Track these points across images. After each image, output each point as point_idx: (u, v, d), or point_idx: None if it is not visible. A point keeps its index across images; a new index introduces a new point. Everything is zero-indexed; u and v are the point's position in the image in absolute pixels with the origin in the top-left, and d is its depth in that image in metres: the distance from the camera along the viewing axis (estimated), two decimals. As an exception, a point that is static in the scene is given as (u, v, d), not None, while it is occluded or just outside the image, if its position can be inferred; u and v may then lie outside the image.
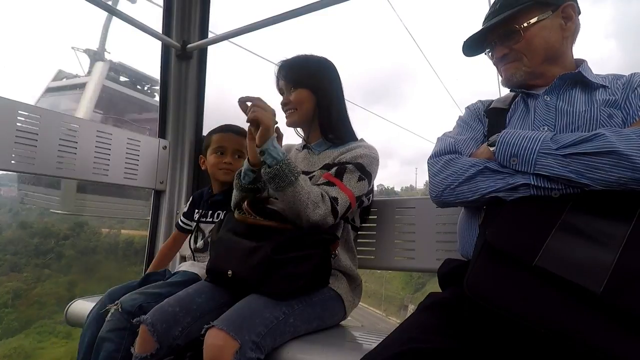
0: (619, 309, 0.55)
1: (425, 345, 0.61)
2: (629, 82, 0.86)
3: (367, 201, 1.24)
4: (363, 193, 1.15)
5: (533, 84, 0.95)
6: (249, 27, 1.70)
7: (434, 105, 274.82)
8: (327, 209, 1.04)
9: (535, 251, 0.63)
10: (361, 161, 1.15)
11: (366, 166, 1.15)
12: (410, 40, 57.27)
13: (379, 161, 1.21)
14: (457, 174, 0.83)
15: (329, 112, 1.24)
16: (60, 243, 19.17)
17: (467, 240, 0.90)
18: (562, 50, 0.93)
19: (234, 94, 4.55)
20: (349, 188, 1.11)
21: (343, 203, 1.08)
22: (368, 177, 1.15)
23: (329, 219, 1.05)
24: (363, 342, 1.02)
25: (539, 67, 0.93)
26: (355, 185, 1.12)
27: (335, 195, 1.08)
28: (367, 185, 1.16)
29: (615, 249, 0.61)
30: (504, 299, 0.60)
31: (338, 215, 1.07)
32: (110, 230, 21.56)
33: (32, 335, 15.82)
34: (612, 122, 0.81)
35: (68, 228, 19.73)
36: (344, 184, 1.11)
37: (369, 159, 1.16)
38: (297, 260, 1.00)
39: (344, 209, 1.09)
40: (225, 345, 0.84)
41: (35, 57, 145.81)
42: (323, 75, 1.26)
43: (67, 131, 1.52)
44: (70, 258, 18.86)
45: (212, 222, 1.44)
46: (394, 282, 27.39)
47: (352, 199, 1.11)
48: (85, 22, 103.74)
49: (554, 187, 0.72)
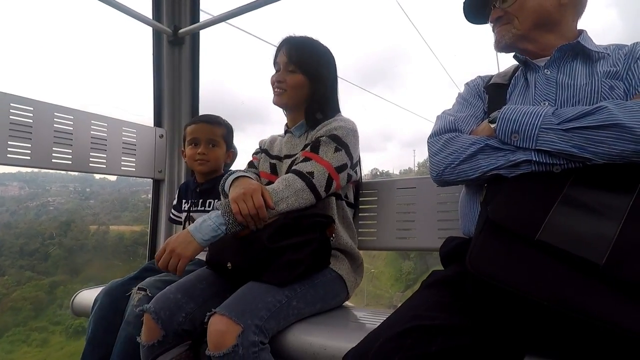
0: (622, 280, 0.55)
1: (430, 322, 0.62)
2: (631, 52, 0.84)
3: (355, 175, 1.22)
4: (343, 163, 1.13)
5: (524, 48, 0.93)
6: (242, 8, 1.66)
7: (432, 84, 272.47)
8: (306, 190, 1.05)
9: (537, 226, 0.63)
10: (336, 132, 1.14)
11: (342, 137, 1.13)
12: (404, 18, 56.26)
13: (356, 132, 1.19)
14: (458, 152, 0.82)
15: (320, 101, 1.22)
16: (46, 243, 18.66)
17: (469, 218, 0.89)
18: (557, 17, 0.91)
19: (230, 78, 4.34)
20: (325, 159, 1.10)
21: (320, 175, 1.07)
22: (345, 148, 1.13)
23: (309, 200, 1.06)
24: (367, 322, 1.03)
25: (530, 32, 0.91)
26: (332, 156, 1.11)
27: (310, 170, 1.07)
28: (346, 155, 1.14)
29: (618, 221, 0.61)
30: (507, 274, 0.60)
31: (317, 188, 1.06)
32: (99, 227, 21.03)
33: (1, 345, 14.75)
34: (613, 94, 0.80)
35: (55, 227, 19.34)
36: (319, 156, 1.10)
37: (344, 130, 1.15)
38: (295, 246, 1.00)
39: (322, 180, 1.08)
40: (228, 330, 0.85)
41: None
42: (324, 66, 1.24)
43: (62, 122, 1.50)
44: (57, 258, 18.33)
45: (204, 210, 1.45)
46: (382, 278, 25.06)
47: (330, 169, 1.09)
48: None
49: (555, 162, 0.71)
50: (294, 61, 1.21)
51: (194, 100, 1.97)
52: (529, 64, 0.92)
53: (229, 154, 1.56)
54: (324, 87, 1.23)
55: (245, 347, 0.84)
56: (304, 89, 1.22)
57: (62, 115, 1.51)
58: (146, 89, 1.96)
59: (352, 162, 1.17)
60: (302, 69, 1.21)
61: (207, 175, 1.49)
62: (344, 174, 1.15)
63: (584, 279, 0.57)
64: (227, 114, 1.62)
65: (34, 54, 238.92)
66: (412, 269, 22.38)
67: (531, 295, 0.56)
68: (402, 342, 0.60)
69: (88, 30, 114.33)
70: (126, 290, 1.19)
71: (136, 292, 1.14)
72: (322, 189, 1.08)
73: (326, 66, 1.25)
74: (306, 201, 1.05)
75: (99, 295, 1.23)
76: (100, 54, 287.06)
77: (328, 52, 1.27)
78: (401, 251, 14.23)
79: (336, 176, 1.11)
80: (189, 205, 1.50)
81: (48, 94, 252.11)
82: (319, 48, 1.26)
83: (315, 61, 1.22)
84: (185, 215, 1.50)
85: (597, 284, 0.56)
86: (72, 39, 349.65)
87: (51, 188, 24.14)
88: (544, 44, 0.91)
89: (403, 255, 22.43)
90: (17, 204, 22.40)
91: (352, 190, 1.29)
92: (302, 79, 1.21)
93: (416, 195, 1.35)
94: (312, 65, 1.21)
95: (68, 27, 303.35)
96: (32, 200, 22.75)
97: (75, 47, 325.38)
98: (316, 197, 1.07)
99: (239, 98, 44.74)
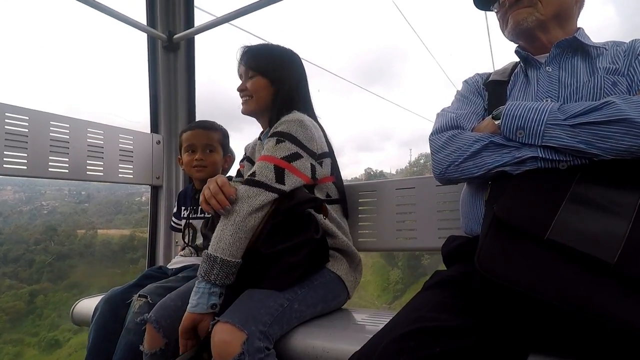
0: (634, 279, 0.54)
1: (433, 324, 0.61)
2: (631, 49, 0.84)
3: (319, 166, 1.14)
4: (292, 152, 1.05)
5: (538, 37, 0.92)
6: (238, 12, 1.65)
7: (430, 83, 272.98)
8: (251, 189, 0.99)
9: (546, 224, 0.61)
10: (277, 129, 1.09)
11: (283, 130, 1.08)
12: (400, 18, 56.30)
13: (301, 122, 1.10)
14: (462, 149, 0.81)
15: (284, 104, 1.18)
16: (31, 249, 17.90)
17: (472, 217, 0.88)
18: (571, 14, 0.91)
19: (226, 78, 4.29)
20: (266, 154, 1.05)
21: (263, 169, 1.02)
22: (289, 138, 1.06)
23: (261, 197, 0.98)
24: (369, 324, 1.02)
25: (550, 20, 0.90)
26: (274, 149, 1.05)
27: (252, 171, 1.03)
28: (294, 144, 1.06)
29: (628, 218, 0.60)
30: (517, 274, 0.58)
31: (264, 182, 1.00)
32: (87, 231, 20.18)
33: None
34: (616, 89, 0.79)
35: (40, 232, 18.77)
36: (262, 155, 1.07)
37: (285, 124, 1.09)
38: (291, 249, 0.98)
39: (269, 173, 1.01)
40: (232, 338, 0.84)
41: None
42: (284, 67, 1.23)
43: (58, 131, 1.49)
44: (41, 265, 17.40)
45: (203, 217, 1.44)
46: (369, 287, 22.72)
47: (274, 161, 1.03)
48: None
49: (561, 158, 0.71)
50: (252, 66, 1.21)
51: (191, 105, 1.96)
52: (530, 60, 0.91)
53: (227, 159, 1.55)
54: (287, 86, 1.20)
55: (251, 354, 0.83)
56: (266, 91, 1.20)
57: (58, 124, 1.49)
58: (142, 96, 1.95)
59: (311, 152, 1.10)
60: (261, 72, 1.20)
61: (205, 182, 1.48)
62: (302, 163, 1.06)
63: (595, 278, 0.56)
64: (224, 115, 1.60)
65: (28, 63, 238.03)
66: (399, 279, 20.96)
67: (543, 295, 0.55)
68: (405, 344, 0.59)
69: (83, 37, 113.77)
70: (126, 298, 1.18)
71: (137, 299, 1.12)
72: (273, 182, 1.00)
73: (287, 66, 1.23)
74: (257, 200, 0.98)
75: (99, 304, 1.22)
76: (95, 61, 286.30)
77: (288, 53, 1.26)
78: (401, 252, 14.12)
79: (287, 165, 1.03)
80: (188, 213, 1.49)
81: (43, 103, 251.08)
82: (275, 50, 1.25)
83: (273, 63, 1.22)
84: (184, 223, 1.49)
85: (609, 283, 0.55)
86: (66, 47, 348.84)
87: (46, 192, 23.82)
88: (552, 37, 0.91)
89: (391, 263, 21.44)
90: (11, 209, 22.02)
91: (333, 187, 1.22)
92: (263, 81, 1.20)
93: (415, 196, 1.35)
94: (270, 67, 1.21)
95: (62, 36, 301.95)
96: (26, 205, 22.40)
97: (70, 55, 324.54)
98: (269, 190, 1.00)
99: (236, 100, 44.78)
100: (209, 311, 0.93)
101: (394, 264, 21.36)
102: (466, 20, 46.13)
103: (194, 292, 0.95)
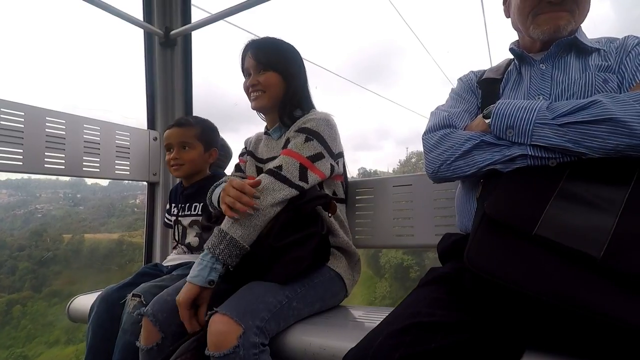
0: (620, 273, 0.55)
1: (429, 319, 0.62)
2: (622, 46, 0.85)
3: (338, 167, 1.18)
4: (317, 152, 1.08)
5: (551, 41, 0.88)
6: (234, 8, 1.65)
7: (426, 80, 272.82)
8: (276, 183, 1.01)
9: (534, 220, 0.62)
10: (306, 125, 1.12)
11: (312, 127, 1.11)
12: (395, 14, 56.23)
13: (329, 121, 1.14)
14: (453, 148, 0.82)
15: (294, 98, 1.20)
16: (14, 255, 17.48)
17: (466, 214, 0.89)
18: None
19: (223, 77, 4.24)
20: (294, 151, 1.07)
21: (289, 166, 1.04)
22: (317, 137, 1.09)
23: (285, 192, 1.01)
24: (365, 320, 1.03)
25: (577, 27, 0.88)
26: (302, 147, 1.08)
27: (278, 164, 1.05)
28: (320, 144, 1.09)
29: (614, 213, 0.60)
30: (505, 270, 0.59)
31: (289, 178, 1.02)
32: (73, 236, 19.85)
33: None
34: (607, 87, 0.80)
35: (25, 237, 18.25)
36: (289, 149, 1.08)
37: (314, 121, 1.12)
38: (300, 241, 0.99)
39: (294, 171, 1.04)
40: (229, 330, 0.84)
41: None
42: (293, 62, 1.23)
43: (54, 127, 1.49)
44: (25, 271, 16.94)
45: (191, 214, 1.44)
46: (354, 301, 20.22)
47: (300, 159, 1.06)
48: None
49: (551, 156, 0.71)
50: (264, 62, 1.20)
51: (187, 102, 1.96)
52: (525, 57, 0.92)
53: (212, 153, 1.50)
54: (297, 82, 1.22)
55: (246, 348, 0.83)
56: (279, 86, 1.20)
57: (54, 120, 1.49)
58: (139, 92, 1.94)
59: (332, 152, 1.13)
60: (273, 67, 1.19)
61: (190, 179, 1.48)
62: (323, 163, 1.10)
63: (582, 272, 0.57)
64: (221, 114, 1.59)
65: (23, 58, 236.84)
66: (387, 292, 20.35)
67: (529, 290, 0.56)
68: (401, 339, 0.59)
69: (78, 33, 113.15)
70: (122, 296, 1.18)
71: (131, 298, 1.12)
72: (297, 179, 1.04)
73: (295, 62, 1.24)
74: (281, 194, 1.01)
75: (95, 302, 1.22)
76: (92, 56, 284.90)
77: (294, 49, 1.26)
78: (398, 249, 13.99)
79: (310, 165, 1.07)
80: (177, 210, 1.49)
81: (38, 98, 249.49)
82: (283, 45, 1.25)
83: (284, 58, 1.22)
84: (174, 220, 1.49)
85: (595, 277, 0.56)
86: (62, 42, 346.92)
87: (41, 195, 23.60)
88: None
89: (379, 273, 21.12)
90: (5, 212, 21.76)
91: (341, 186, 1.26)
92: (276, 77, 1.20)
93: (412, 193, 1.35)
94: (282, 63, 1.20)
95: (58, 31, 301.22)
96: (20, 208, 22.16)
97: (66, 50, 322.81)
98: (292, 187, 1.02)
99: (232, 98, 44.52)
100: (206, 286, 0.94)
101: (381, 275, 20.99)
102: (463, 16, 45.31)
103: (197, 263, 0.96)
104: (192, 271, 0.96)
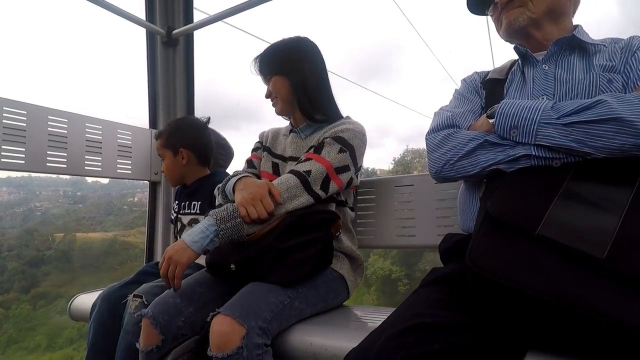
0: (623, 274, 0.55)
1: (432, 320, 0.61)
2: (627, 46, 0.84)
3: (356, 179, 1.19)
4: (345, 164, 1.10)
5: (532, 34, 0.92)
6: (236, 8, 1.65)
7: (428, 79, 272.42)
8: (299, 187, 1.03)
9: (537, 220, 0.62)
10: (342, 135, 1.12)
11: (347, 139, 1.11)
12: (397, 11, 56.12)
13: (364, 135, 1.16)
14: (457, 148, 0.81)
15: (305, 92, 1.19)
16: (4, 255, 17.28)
17: (468, 214, 0.89)
18: (565, 10, 0.91)
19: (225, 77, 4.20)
20: (326, 159, 1.08)
21: (317, 173, 1.05)
22: (350, 149, 1.11)
23: (304, 198, 1.04)
24: (368, 320, 1.03)
25: (542, 17, 0.90)
26: (335, 157, 1.09)
27: (308, 168, 1.06)
28: (350, 158, 1.11)
29: (618, 214, 0.60)
30: (508, 270, 0.59)
31: (312, 186, 1.04)
32: (65, 235, 19.70)
33: None
34: (612, 87, 0.79)
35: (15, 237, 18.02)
36: (321, 156, 1.09)
37: (351, 132, 1.13)
38: (303, 245, 0.99)
39: (319, 179, 1.06)
40: (231, 331, 0.84)
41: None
42: (293, 57, 1.22)
43: (56, 126, 1.49)
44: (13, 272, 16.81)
45: (190, 212, 1.45)
46: None
47: (329, 169, 1.07)
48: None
49: (555, 156, 0.71)
50: (266, 71, 1.24)
51: (189, 101, 1.96)
52: (529, 57, 0.91)
53: (182, 154, 1.44)
54: (301, 75, 1.19)
55: (249, 349, 0.83)
56: (285, 87, 1.21)
57: (56, 119, 1.49)
58: (141, 91, 1.94)
59: (357, 166, 1.15)
60: (275, 72, 1.21)
61: (181, 181, 1.51)
62: (346, 176, 1.12)
63: (585, 273, 0.56)
64: (222, 114, 1.59)
65: (26, 57, 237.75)
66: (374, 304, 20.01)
67: (532, 290, 0.56)
68: (403, 340, 0.59)
69: (81, 32, 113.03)
70: (123, 295, 1.18)
71: (132, 299, 1.12)
72: (318, 188, 1.06)
73: (295, 56, 1.22)
74: (299, 201, 1.03)
75: (97, 301, 1.22)
76: (95, 56, 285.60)
77: (294, 42, 1.24)
78: (400, 249, 13.89)
79: (335, 177, 1.09)
80: (179, 207, 1.50)
81: (41, 97, 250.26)
82: (280, 45, 1.24)
83: (280, 58, 1.22)
84: (174, 217, 1.51)
85: (598, 278, 0.55)
86: (65, 42, 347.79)
87: (41, 193, 23.54)
88: (547, 34, 0.91)
89: (368, 284, 20.57)
90: (5, 210, 21.68)
91: (352, 195, 1.28)
92: (279, 79, 1.21)
93: (414, 193, 1.35)
94: (278, 63, 1.21)
95: (61, 30, 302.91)
96: (20, 206, 22.10)
97: (68, 50, 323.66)
98: (312, 196, 1.05)
99: (234, 98, 44.07)
100: (200, 253, 0.96)
101: (368, 286, 20.62)
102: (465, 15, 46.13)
103: (199, 229, 0.96)
104: (192, 234, 0.96)
